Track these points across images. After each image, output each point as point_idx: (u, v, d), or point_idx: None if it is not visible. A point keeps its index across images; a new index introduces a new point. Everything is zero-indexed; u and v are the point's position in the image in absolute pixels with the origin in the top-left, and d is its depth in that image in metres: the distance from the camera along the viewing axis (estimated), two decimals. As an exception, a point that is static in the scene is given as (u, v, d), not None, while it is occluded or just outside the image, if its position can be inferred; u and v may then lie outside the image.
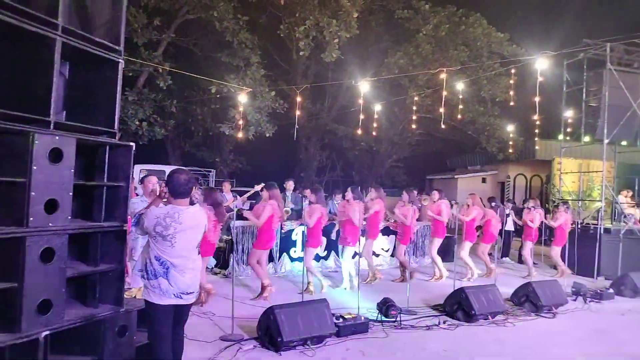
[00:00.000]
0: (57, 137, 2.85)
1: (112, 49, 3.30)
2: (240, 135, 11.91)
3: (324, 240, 8.74)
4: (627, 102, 9.90)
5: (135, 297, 4.77)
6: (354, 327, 5.14)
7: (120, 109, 11.74)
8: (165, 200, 3.26)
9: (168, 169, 15.39)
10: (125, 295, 3.45)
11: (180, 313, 3.28)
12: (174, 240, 3.10)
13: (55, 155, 2.83)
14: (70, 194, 2.95)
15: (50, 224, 2.81)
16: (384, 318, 5.64)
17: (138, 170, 14.22)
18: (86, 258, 3.35)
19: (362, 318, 5.36)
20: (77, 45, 3.04)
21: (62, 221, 2.89)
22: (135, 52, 11.30)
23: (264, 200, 6.62)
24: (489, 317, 5.93)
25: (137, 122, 12.09)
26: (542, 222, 9.37)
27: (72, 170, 2.95)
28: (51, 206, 2.82)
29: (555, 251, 9.07)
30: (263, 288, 6.51)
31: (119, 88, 3.35)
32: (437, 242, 8.35)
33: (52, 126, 2.89)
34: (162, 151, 17.86)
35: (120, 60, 3.34)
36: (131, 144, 3.40)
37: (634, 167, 13.43)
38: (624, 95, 9.84)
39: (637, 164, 13.46)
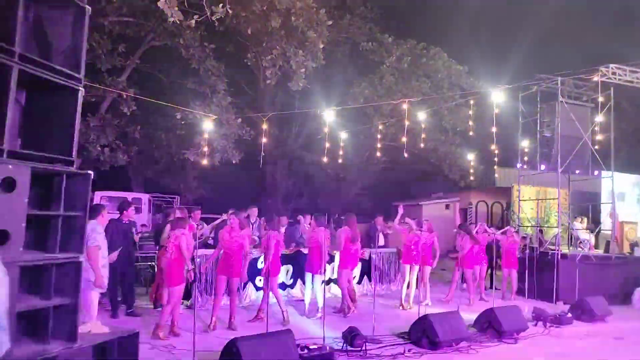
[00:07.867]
0: (10, 166, 2.75)
1: (72, 77, 3.24)
2: (205, 162, 11.78)
3: (289, 268, 8.69)
4: (579, 133, 10.44)
5: (90, 331, 4.54)
6: (319, 358, 5.07)
7: (82, 134, 11.36)
8: None
9: (130, 195, 15.04)
10: (79, 330, 3.30)
11: None
12: None
13: (8, 185, 2.73)
14: (24, 224, 2.83)
15: (-1, 256, 2.68)
16: (349, 347, 5.59)
17: (99, 197, 13.81)
18: (39, 291, 3.19)
19: (328, 348, 5.30)
20: (34, 72, 2.98)
21: (13, 253, 2.76)
22: (98, 77, 11.13)
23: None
24: (453, 344, 5.98)
25: (99, 148, 11.80)
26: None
27: (26, 200, 2.84)
28: (1, 237, 2.69)
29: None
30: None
31: (78, 116, 3.27)
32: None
33: (4, 155, 2.79)
34: (124, 178, 17.43)
35: (80, 87, 3.28)
36: (89, 172, 3.31)
37: (588, 195, 14.05)
38: (575, 126, 10.38)
39: (590, 191, 14.08)
